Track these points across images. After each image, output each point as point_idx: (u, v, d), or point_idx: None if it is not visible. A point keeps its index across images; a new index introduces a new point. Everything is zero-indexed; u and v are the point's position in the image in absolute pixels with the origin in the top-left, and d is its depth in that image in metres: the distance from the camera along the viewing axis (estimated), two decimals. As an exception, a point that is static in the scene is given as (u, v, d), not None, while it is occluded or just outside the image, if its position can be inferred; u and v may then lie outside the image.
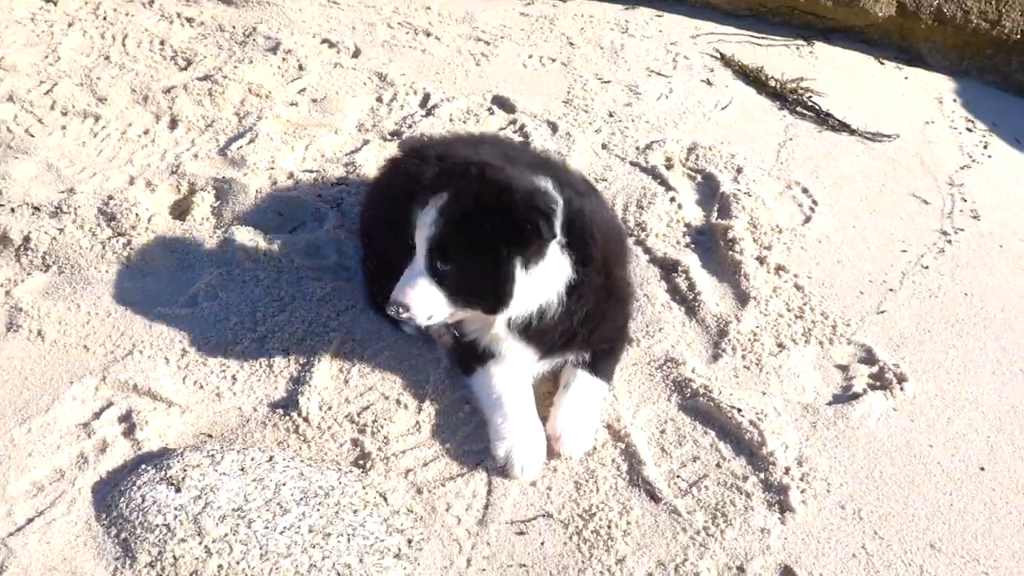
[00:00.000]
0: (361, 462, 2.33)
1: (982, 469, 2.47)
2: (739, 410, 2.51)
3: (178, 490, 2.15)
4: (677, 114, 4.02)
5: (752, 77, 4.42)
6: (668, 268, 3.07)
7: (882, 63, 4.90)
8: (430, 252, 2.23)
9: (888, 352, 2.81)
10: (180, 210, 3.18)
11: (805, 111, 4.19)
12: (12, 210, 3.02)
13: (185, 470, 2.20)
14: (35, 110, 3.56)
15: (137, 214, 2.99)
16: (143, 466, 2.24)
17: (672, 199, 3.41)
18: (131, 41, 4.12)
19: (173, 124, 3.59)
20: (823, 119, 4.13)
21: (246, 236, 2.97)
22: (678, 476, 2.36)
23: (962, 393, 2.71)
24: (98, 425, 2.36)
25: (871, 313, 2.99)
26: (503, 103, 3.97)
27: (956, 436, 2.56)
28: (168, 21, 4.36)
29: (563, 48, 4.53)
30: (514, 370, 2.43)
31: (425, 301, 2.24)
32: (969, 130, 4.29)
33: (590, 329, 2.43)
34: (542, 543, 2.17)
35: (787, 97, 4.28)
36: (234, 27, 4.33)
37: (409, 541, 2.15)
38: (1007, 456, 2.51)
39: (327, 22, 4.51)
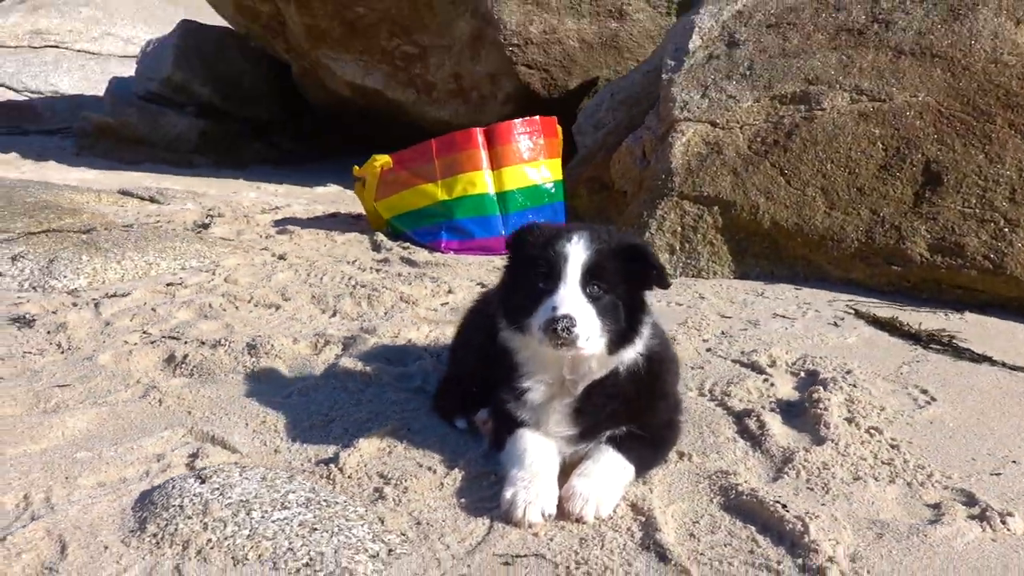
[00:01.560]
0: (375, 502, 2.35)
1: (1110, 601, 1.93)
2: (784, 506, 2.24)
3: (203, 482, 2.31)
4: (793, 338, 4.04)
5: (884, 323, 4.38)
6: (741, 416, 2.96)
7: (1045, 331, 4.62)
8: (584, 274, 2.28)
9: (998, 501, 2.39)
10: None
11: (939, 346, 4.03)
12: (185, 343, 3.69)
13: (215, 472, 2.37)
14: (236, 302, 4.43)
15: (272, 346, 3.54)
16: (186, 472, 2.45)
17: (765, 380, 3.36)
18: (327, 278, 5.07)
19: (333, 315, 4.27)
20: (959, 352, 3.93)
21: (350, 362, 3.37)
22: (701, 553, 2.10)
23: (1093, 540, 2.20)
24: (170, 455, 2.64)
25: (983, 473, 2.60)
26: (620, 321, 4.27)
27: (1077, 572, 2.05)
28: (362, 271, 5.33)
29: (693, 299, 4.85)
30: (545, 438, 2.43)
31: (587, 319, 2.23)
32: None
33: (634, 411, 2.43)
34: (526, 573, 1.99)
35: (921, 337, 4.16)
36: (410, 273, 5.19)
37: (390, 551, 2.08)
38: None
39: (486, 274, 5.25)
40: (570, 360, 2.35)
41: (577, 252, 2.30)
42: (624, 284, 2.36)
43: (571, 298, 2.24)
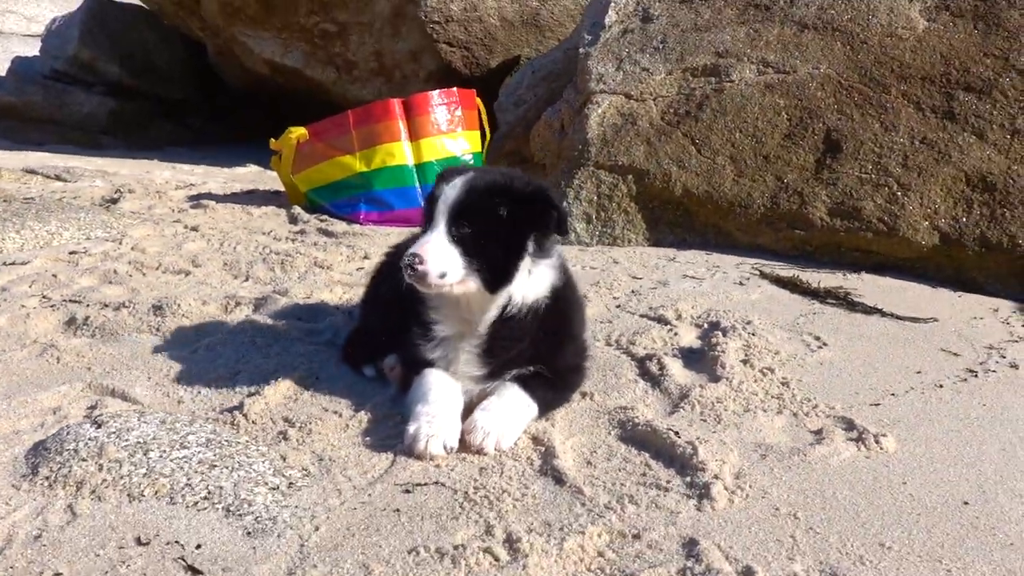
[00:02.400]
0: (279, 442, 2.36)
1: (965, 503, 2.09)
2: (676, 433, 2.34)
3: (99, 427, 2.28)
4: (699, 295, 4.19)
5: (786, 281, 4.57)
6: (643, 360, 3.06)
7: (935, 289, 4.89)
8: (451, 214, 2.35)
9: (874, 426, 2.55)
10: (221, 318, 3.62)
11: (835, 300, 4.23)
12: (87, 306, 3.59)
13: (112, 417, 2.34)
14: (143, 269, 4.33)
15: (179, 306, 3.48)
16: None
17: (670, 330, 3.47)
18: (241, 247, 4.98)
19: (245, 280, 4.21)
20: (853, 305, 4.14)
21: (260, 320, 3.35)
22: (596, 477, 2.18)
23: (958, 455, 2.37)
24: (67, 408, 2.59)
25: (863, 405, 2.77)
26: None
27: (940, 481, 2.21)
28: (277, 240, 5.26)
29: (606, 263, 4.96)
30: (451, 377, 2.47)
31: (440, 256, 2.31)
32: (1025, 327, 4.09)
33: (542, 352, 2.48)
34: (425, 499, 2.04)
35: (819, 293, 4.36)
36: (326, 242, 5.15)
37: (291, 484, 2.10)
38: (1001, 497, 2.12)
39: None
40: (456, 297, 2.41)
41: (448, 194, 2.37)
42: (501, 223, 2.38)
43: (430, 238, 2.33)
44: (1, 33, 18.38)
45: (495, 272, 2.38)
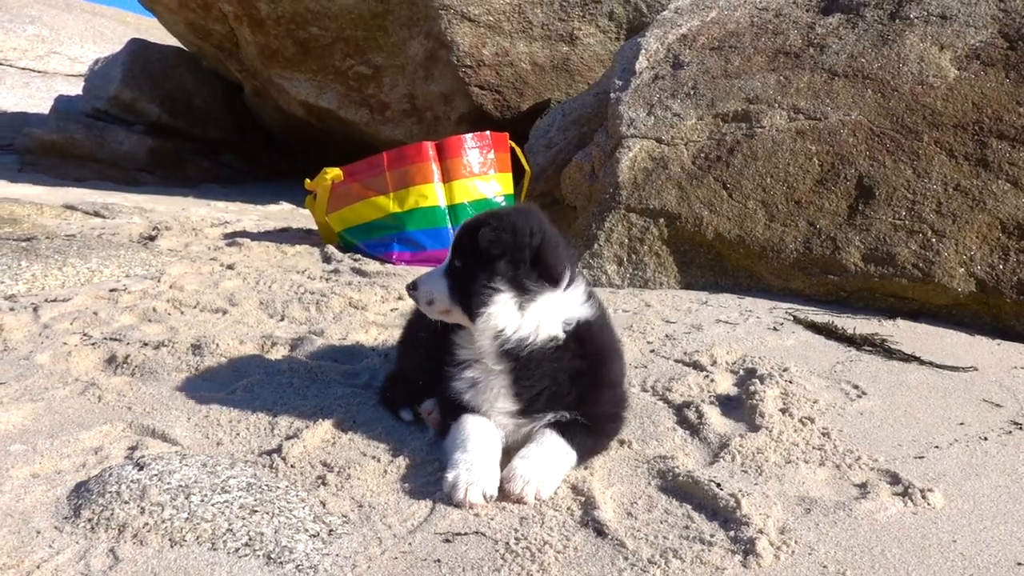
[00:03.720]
0: (318, 487, 2.36)
1: (1019, 564, 2.03)
2: (718, 485, 2.31)
3: (141, 469, 2.29)
4: (734, 340, 4.16)
5: (820, 327, 4.52)
6: (681, 408, 3.03)
7: (973, 336, 4.82)
8: (453, 251, 2.59)
9: (920, 480, 2.50)
10: (257, 358, 3.65)
11: (872, 347, 4.18)
12: (127, 344, 3.64)
13: (155, 459, 2.36)
14: (181, 307, 4.39)
15: (218, 345, 3.52)
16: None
17: (706, 376, 3.45)
18: (276, 285, 5.05)
19: (281, 319, 4.25)
20: (890, 352, 4.08)
21: (296, 361, 3.37)
22: (637, 529, 2.15)
23: (1008, 512, 2.31)
24: (108, 448, 2.61)
25: (907, 457, 2.72)
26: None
27: (991, 540, 2.15)
28: (312, 279, 5.31)
29: (639, 307, 4.95)
30: (488, 422, 2.46)
31: (431, 286, 2.60)
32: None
33: (576, 396, 2.46)
34: (465, 549, 2.02)
35: (855, 339, 4.31)
36: (360, 282, 5.20)
37: (331, 531, 2.09)
38: (1057, 558, 2.06)
39: (436, 286, 5.28)
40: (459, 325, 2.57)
41: (455, 233, 2.60)
42: (474, 256, 2.47)
43: (433, 270, 2.62)
44: (46, 73, 18.99)
45: (467, 303, 2.47)
